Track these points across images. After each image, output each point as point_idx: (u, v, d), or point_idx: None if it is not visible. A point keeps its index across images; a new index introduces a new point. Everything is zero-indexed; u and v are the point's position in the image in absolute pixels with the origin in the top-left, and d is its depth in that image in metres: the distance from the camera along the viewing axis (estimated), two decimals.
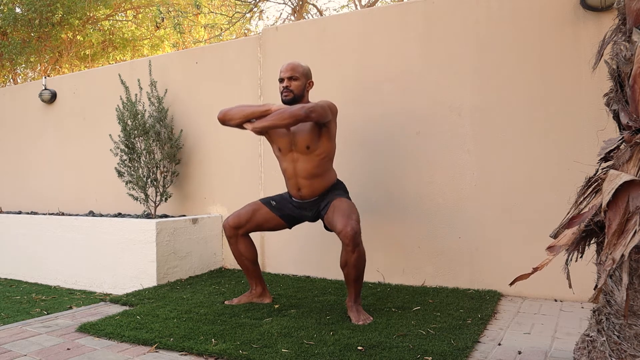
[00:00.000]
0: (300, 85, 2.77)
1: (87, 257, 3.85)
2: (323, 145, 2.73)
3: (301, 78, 2.78)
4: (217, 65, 4.22)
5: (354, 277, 2.55)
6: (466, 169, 3.21)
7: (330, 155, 2.79)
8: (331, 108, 2.71)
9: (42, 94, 5.26)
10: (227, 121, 2.78)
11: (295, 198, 2.84)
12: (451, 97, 3.26)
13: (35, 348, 2.26)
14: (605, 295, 1.64)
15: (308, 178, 2.74)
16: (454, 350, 2.03)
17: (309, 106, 2.57)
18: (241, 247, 2.89)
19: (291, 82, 2.75)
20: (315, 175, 2.74)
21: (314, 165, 2.73)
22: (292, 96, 2.75)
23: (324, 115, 2.63)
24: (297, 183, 2.78)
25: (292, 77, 2.76)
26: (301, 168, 2.74)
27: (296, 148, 2.74)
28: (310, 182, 2.75)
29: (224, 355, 2.06)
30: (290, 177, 2.80)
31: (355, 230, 2.47)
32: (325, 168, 2.77)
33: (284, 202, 2.90)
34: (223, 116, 2.79)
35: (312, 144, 2.71)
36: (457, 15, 3.25)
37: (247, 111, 2.72)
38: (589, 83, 2.87)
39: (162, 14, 10.55)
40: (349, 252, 2.48)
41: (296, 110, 2.56)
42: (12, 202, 5.74)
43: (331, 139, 2.77)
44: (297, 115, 2.55)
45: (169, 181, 4.23)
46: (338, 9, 12.24)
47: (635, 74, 1.57)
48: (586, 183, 1.70)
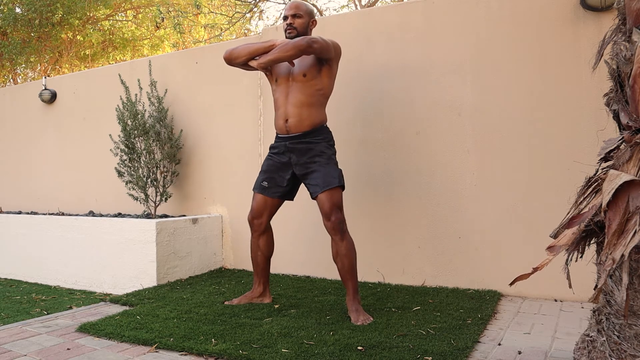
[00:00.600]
0: (304, 23, 2.80)
1: (87, 257, 3.85)
2: (321, 78, 2.75)
3: (305, 16, 2.80)
4: (217, 65, 4.22)
5: (348, 267, 2.59)
6: (466, 169, 3.21)
7: (326, 92, 2.79)
8: (335, 46, 2.74)
9: (42, 94, 5.26)
10: (232, 60, 2.80)
11: (281, 134, 2.80)
12: (451, 97, 3.26)
13: (35, 348, 2.26)
14: (605, 295, 1.64)
15: (298, 106, 2.73)
16: (454, 350, 2.03)
17: (311, 37, 2.62)
18: (262, 241, 2.93)
19: (295, 19, 2.78)
20: (305, 104, 2.73)
21: (307, 94, 2.73)
22: (296, 33, 2.78)
23: (327, 48, 2.66)
24: (286, 111, 2.76)
25: (296, 14, 2.78)
26: (293, 95, 2.74)
27: (293, 76, 2.76)
28: (299, 111, 2.72)
29: (224, 355, 2.06)
30: (280, 106, 2.79)
31: (340, 220, 2.60)
32: (317, 101, 2.76)
33: (271, 168, 2.85)
34: (229, 55, 2.81)
35: (310, 73, 2.73)
36: (457, 15, 3.25)
37: (252, 48, 2.76)
38: (589, 83, 2.87)
39: (162, 14, 10.55)
40: (338, 242, 2.60)
41: (298, 41, 2.60)
42: (12, 202, 5.74)
43: (330, 77, 2.79)
44: (299, 45, 2.59)
45: (169, 181, 4.23)
46: (338, 9, 12.24)
47: (635, 74, 1.57)
48: (586, 183, 1.70)
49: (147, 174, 4.10)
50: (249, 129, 4.03)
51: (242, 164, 4.05)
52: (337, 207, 2.63)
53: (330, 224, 2.61)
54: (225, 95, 4.17)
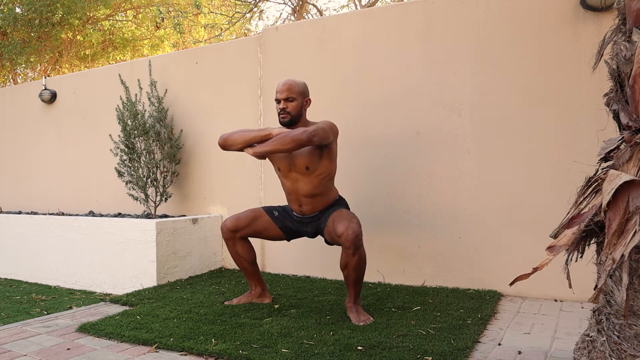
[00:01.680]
0: (297, 106, 2.72)
1: (87, 257, 3.85)
2: (323, 165, 2.70)
3: (298, 98, 2.72)
4: (217, 65, 4.22)
5: (354, 279, 2.54)
6: (466, 169, 3.21)
7: (331, 175, 2.77)
8: (332, 129, 2.66)
9: (42, 94, 5.26)
10: (228, 147, 2.75)
11: (296, 213, 2.83)
12: (451, 97, 3.26)
13: (35, 348, 2.26)
14: (605, 295, 1.64)
15: (309, 197, 2.73)
16: (454, 350, 2.03)
17: (310, 130, 2.52)
18: (239, 249, 2.88)
19: (287, 103, 2.70)
20: (315, 194, 2.73)
21: (314, 186, 2.71)
22: (290, 118, 2.71)
23: (326, 138, 2.60)
24: (298, 200, 2.77)
25: (289, 98, 2.70)
26: (302, 187, 2.73)
27: (295, 169, 2.72)
28: (312, 200, 2.74)
29: (224, 355, 2.06)
30: (291, 194, 2.79)
31: (357, 233, 2.44)
32: (325, 187, 2.75)
33: (285, 214, 2.88)
34: (224, 142, 2.76)
35: (312, 164, 2.68)
36: (457, 15, 3.25)
37: (248, 136, 2.68)
38: (589, 83, 2.87)
39: (162, 14, 10.55)
40: (350, 255, 2.46)
41: (298, 135, 2.51)
42: (12, 202, 5.74)
43: (332, 160, 2.74)
44: (299, 139, 2.51)
45: (169, 181, 4.23)
46: (338, 9, 12.24)
47: (635, 74, 1.57)
48: (586, 183, 1.70)
49: (147, 174, 4.10)
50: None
51: (242, 164, 4.04)
52: (350, 219, 2.53)
53: (345, 236, 2.43)
54: (225, 95, 4.17)
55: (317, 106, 3.42)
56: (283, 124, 2.75)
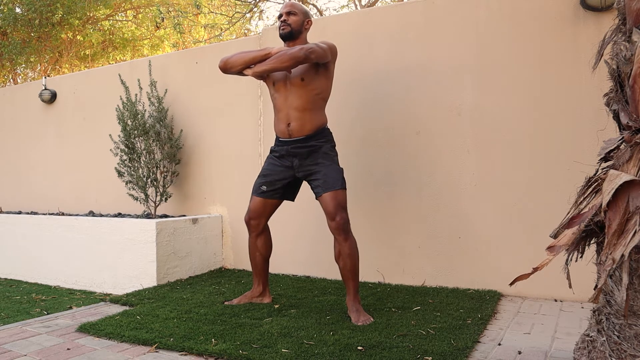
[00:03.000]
0: (298, 21, 2.78)
1: (87, 257, 3.85)
2: (319, 81, 2.73)
3: (299, 14, 2.79)
4: (217, 65, 4.21)
5: (350, 267, 2.59)
6: (466, 169, 3.21)
7: (324, 95, 2.79)
8: (331, 49, 2.72)
9: (42, 94, 5.26)
10: (228, 69, 2.78)
11: (282, 138, 2.79)
12: (451, 97, 3.26)
13: (35, 348, 2.26)
14: (605, 295, 1.64)
15: (299, 110, 2.72)
16: (454, 350, 2.03)
17: (308, 47, 2.59)
18: (260, 242, 2.92)
19: (289, 16, 2.77)
20: (306, 108, 2.72)
21: (307, 99, 2.72)
22: (290, 30, 2.76)
23: (324, 55, 2.65)
24: (287, 115, 2.75)
25: (291, 12, 2.78)
26: (293, 100, 2.73)
27: (290, 80, 2.74)
28: (301, 115, 2.72)
29: (224, 355, 2.06)
30: (281, 109, 2.77)
31: (344, 220, 2.59)
32: (317, 105, 2.75)
33: (271, 172, 2.83)
34: (224, 64, 2.79)
35: (307, 77, 2.71)
36: (457, 15, 3.25)
37: (248, 57, 2.72)
38: (589, 83, 2.87)
39: (162, 14, 10.55)
40: (342, 242, 2.59)
41: (296, 52, 2.57)
42: (12, 202, 5.74)
43: (328, 78, 2.77)
44: (296, 56, 2.56)
45: (169, 181, 4.23)
46: (338, 9, 12.24)
47: (635, 74, 1.57)
48: (586, 183, 1.70)
49: (147, 174, 4.10)
50: (249, 129, 4.03)
51: (242, 164, 4.05)
52: (341, 207, 2.62)
53: (335, 224, 2.60)
54: (225, 95, 4.17)
55: None
56: (282, 36, 2.78)
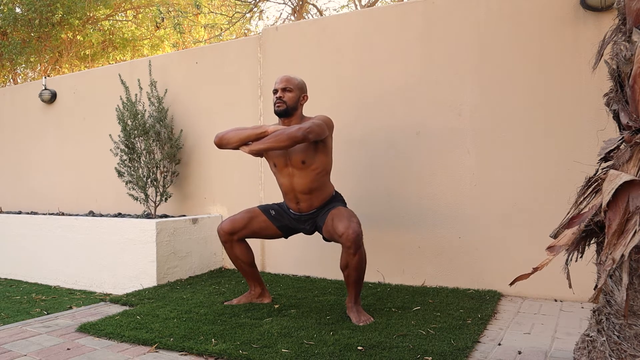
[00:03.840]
0: (294, 97, 2.74)
1: (87, 257, 3.85)
2: (319, 160, 2.71)
3: (295, 90, 2.75)
4: (217, 65, 4.22)
5: (355, 279, 2.54)
6: (466, 168, 3.21)
7: (327, 170, 2.78)
8: (327, 124, 2.68)
9: (42, 94, 5.26)
10: (223, 145, 2.73)
11: (293, 211, 2.83)
12: (451, 97, 3.26)
13: (35, 348, 2.26)
14: (605, 295, 1.64)
15: (306, 192, 2.73)
16: (454, 350, 2.03)
17: (306, 127, 2.53)
18: (237, 251, 2.87)
19: (285, 93, 2.73)
20: (312, 189, 2.73)
21: (311, 180, 2.71)
22: (285, 107, 2.72)
23: (321, 133, 2.61)
24: (295, 197, 2.77)
25: (286, 88, 2.74)
26: (298, 183, 2.73)
27: (291, 163, 2.73)
28: (309, 197, 2.75)
29: (224, 355, 2.06)
30: (288, 192, 2.79)
31: (357, 233, 2.45)
32: (322, 182, 2.76)
33: (282, 212, 2.88)
34: (219, 140, 2.73)
35: (308, 159, 2.69)
36: (457, 15, 3.25)
37: (243, 135, 2.67)
38: (589, 83, 2.87)
39: (162, 14, 10.55)
40: (351, 255, 2.46)
41: (294, 132, 2.52)
42: (12, 202, 5.74)
43: (327, 154, 2.75)
44: (294, 137, 2.51)
45: (169, 181, 4.23)
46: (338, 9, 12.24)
47: (635, 74, 1.57)
48: (586, 183, 1.70)
49: (147, 174, 4.10)
50: None
51: (242, 164, 4.04)
52: (352, 216, 2.55)
53: (346, 235, 2.44)
54: (225, 95, 4.17)
55: (317, 106, 3.43)
56: (278, 113, 2.76)
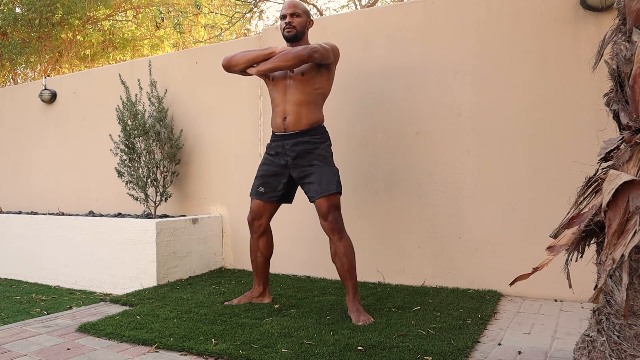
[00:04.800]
0: (302, 22, 2.80)
1: (87, 257, 3.85)
2: (319, 79, 2.75)
3: (303, 15, 2.81)
4: (217, 65, 4.21)
5: (347, 266, 2.59)
6: (466, 169, 3.21)
7: (324, 92, 2.80)
8: (334, 50, 2.75)
9: (42, 94, 5.26)
10: (231, 67, 2.79)
11: (278, 132, 2.79)
12: (451, 97, 3.26)
13: (35, 348, 2.26)
14: (605, 295, 1.64)
15: (296, 104, 2.73)
16: (454, 350, 2.03)
17: (312, 46, 2.62)
18: (262, 242, 2.93)
19: (293, 18, 2.78)
20: (303, 102, 2.73)
21: (306, 93, 2.73)
22: (295, 32, 2.77)
23: (327, 56, 2.68)
24: (284, 109, 2.75)
25: (295, 13, 2.78)
26: (291, 93, 2.74)
27: (291, 76, 2.76)
28: (298, 109, 2.72)
29: (224, 355, 2.06)
30: (279, 104, 2.78)
31: (337, 219, 2.61)
32: (314, 100, 2.76)
33: (267, 173, 2.84)
34: (227, 62, 2.79)
35: (308, 73, 2.73)
36: (457, 15, 3.25)
37: (251, 55, 2.74)
38: (589, 83, 2.87)
39: (162, 14, 10.55)
40: (336, 242, 2.60)
41: (300, 51, 2.60)
42: (12, 202, 5.74)
43: (329, 79, 2.80)
44: (300, 55, 2.59)
45: (169, 181, 4.23)
46: (338, 9, 12.24)
47: (635, 74, 1.57)
48: (586, 183, 1.70)
49: (147, 174, 4.10)
50: (249, 129, 4.03)
51: (242, 164, 4.04)
52: (334, 207, 2.64)
53: (328, 223, 2.62)
54: (225, 95, 4.17)
55: None
56: (288, 38, 2.80)
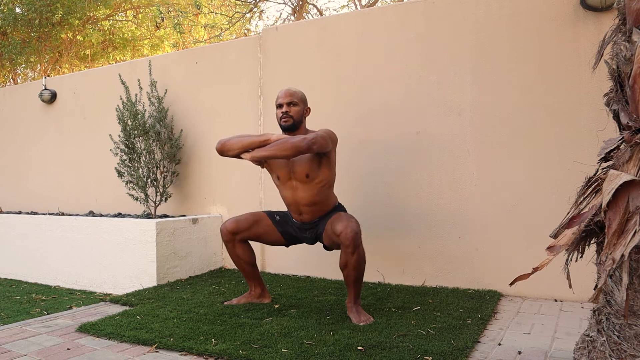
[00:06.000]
0: (299, 111, 2.74)
1: (87, 257, 3.85)
2: (323, 173, 2.71)
3: (300, 104, 2.75)
4: (217, 65, 4.22)
5: (354, 279, 2.54)
6: (466, 169, 3.21)
7: (330, 183, 2.77)
8: (331, 137, 2.67)
9: (42, 94, 5.26)
10: (225, 152, 2.73)
11: (296, 220, 2.84)
12: (451, 97, 3.26)
13: (35, 348, 2.26)
14: (605, 295, 1.64)
15: (309, 205, 2.73)
16: (454, 350, 2.03)
17: (310, 137, 2.52)
18: (238, 251, 2.87)
19: (290, 107, 2.72)
20: (316, 202, 2.73)
21: (314, 194, 2.71)
22: (292, 122, 2.72)
23: (325, 145, 2.60)
24: (298, 209, 2.77)
25: (291, 102, 2.73)
26: (301, 196, 2.72)
27: (295, 176, 2.72)
28: (312, 209, 2.75)
29: (224, 355, 2.06)
30: (291, 204, 2.79)
31: (356, 231, 2.45)
32: (325, 195, 2.75)
33: (286, 219, 2.89)
34: (221, 147, 2.74)
35: (312, 172, 2.68)
36: (457, 15, 3.25)
37: (246, 141, 2.67)
38: (589, 83, 2.87)
39: (162, 14, 10.55)
40: (349, 254, 2.46)
41: (298, 142, 2.51)
42: (12, 202, 5.74)
43: (331, 168, 2.74)
44: (299, 146, 2.50)
45: (169, 181, 4.23)
46: (338, 9, 12.24)
47: (635, 74, 1.57)
48: (586, 183, 1.69)
49: (147, 174, 4.10)
50: (249, 129, 4.03)
51: (242, 164, 4.03)
52: (351, 218, 2.55)
53: (345, 234, 2.44)
54: (225, 95, 4.17)
55: (317, 106, 3.42)
56: (285, 128, 2.75)
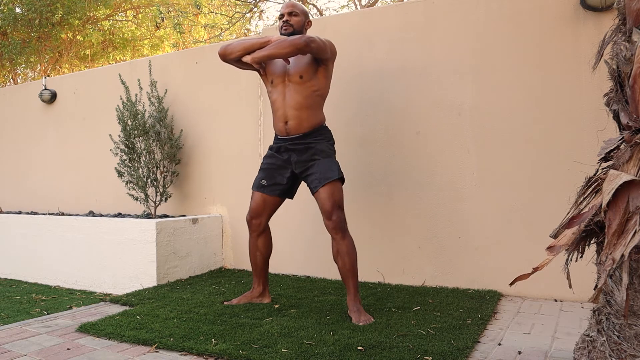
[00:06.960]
0: (300, 21, 2.82)
1: (87, 257, 3.85)
2: (317, 79, 2.75)
3: (300, 15, 2.83)
4: (217, 65, 4.21)
5: (349, 266, 2.59)
6: (466, 169, 3.21)
7: (323, 93, 2.80)
8: (331, 46, 2.75)
9: (42, 94, 5.26)
10: (227, 55, 2.81)
11: (280, 136, 2.81)
12: (451, 97, 3.26)
13: (35, 348, 2.26)
14: (605, 295, 1.64)
15: (297, 108, 2.73)
16: (454, 350, 2.03)
17: (308, 36, 2.63)
18: (260, 241, 2.92)
19: (291, 17, 2.81)
20: (304, 106, 2.73)
21: (305, 96, 2.73)
22: (292, 30, 2.79)
23: (323, 48, 2.67)
24: (285, 114, 2.76)
25: (293, 12, 2.81)
26: (291, 97, 2.74)
27: (289, 77, 2.76)
28: (299, 113, 2.73)
29: (224, 355, 2.06)
30: (279, 108, 2.79)
31: (341, 218, 2.61)
32: (314, 102, 2.77)
33: (270, 167, 2.85)
34: (223, 51, 2.82)
35: (306, 74, 2.73)
36: (457, 15, 3.25)
37: (247, 43, 2.76)
38: (589, 83, 2.87)
39: (162, 14, 10.55)
40: (339, 240, 2.60)
41: (296, 39, 2.61)
42: (12, 202, 5.74)
43: (327, 77, 2.80)
44: (297, 43, 2.59)
45: (169, 181, 4.23)
46: (338, 9, 12.24)
47: (635, 74, 1.57)
48: (586, 183, 1.70)
49: (147, 174, 4.10)
50: (249, 129, 4.03)
51: (242, 164, 4.04)
52: (338, 205, 2.63)
53: (332, 223, 2.61)
54: (225, 95, 4.17)
55: None
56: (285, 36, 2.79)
